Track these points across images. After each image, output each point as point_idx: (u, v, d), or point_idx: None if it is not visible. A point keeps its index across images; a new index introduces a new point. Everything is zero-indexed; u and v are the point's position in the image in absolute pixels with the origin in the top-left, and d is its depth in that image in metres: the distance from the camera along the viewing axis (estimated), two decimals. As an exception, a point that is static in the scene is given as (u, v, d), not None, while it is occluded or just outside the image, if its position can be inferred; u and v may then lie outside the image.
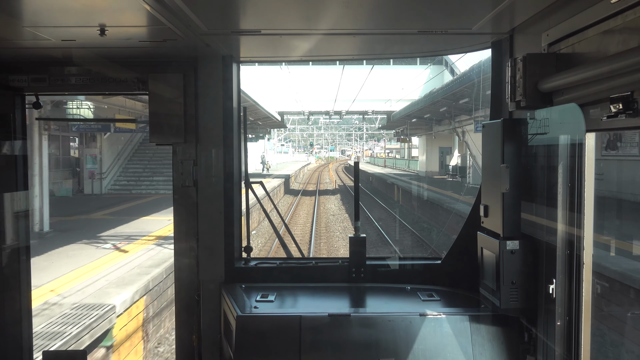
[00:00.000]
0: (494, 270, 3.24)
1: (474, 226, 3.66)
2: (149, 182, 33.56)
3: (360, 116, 63.96)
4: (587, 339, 2.82)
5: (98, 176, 31.99)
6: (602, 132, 2.64)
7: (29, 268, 4.27)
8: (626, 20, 2.24)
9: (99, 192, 31.94)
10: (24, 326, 4.19)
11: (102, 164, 32.25)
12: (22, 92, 4.11)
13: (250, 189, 4.39)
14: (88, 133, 30.79)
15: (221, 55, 4.01)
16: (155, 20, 3.00)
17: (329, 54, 4.43)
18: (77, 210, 23.86)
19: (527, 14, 3.14)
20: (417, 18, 3.27)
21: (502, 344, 3.37)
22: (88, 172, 31.57)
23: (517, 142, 3.12)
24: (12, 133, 4.08)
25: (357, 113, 58.83)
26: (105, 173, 32.72)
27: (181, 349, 4.18)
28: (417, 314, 3.43)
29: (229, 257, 4.12)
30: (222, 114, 4.05)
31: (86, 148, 31.96)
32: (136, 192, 32.42)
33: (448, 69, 45.76)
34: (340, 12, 3.09)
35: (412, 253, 21.56)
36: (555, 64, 2.80)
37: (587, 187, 2.78)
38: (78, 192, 31.66)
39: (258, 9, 3.09)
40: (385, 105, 50.90)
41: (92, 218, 21.64)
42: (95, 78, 4.03)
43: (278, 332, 3.46)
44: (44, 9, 2.92)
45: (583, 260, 2.80)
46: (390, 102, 50.16)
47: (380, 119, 72.20)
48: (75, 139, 32.75)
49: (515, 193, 3.13)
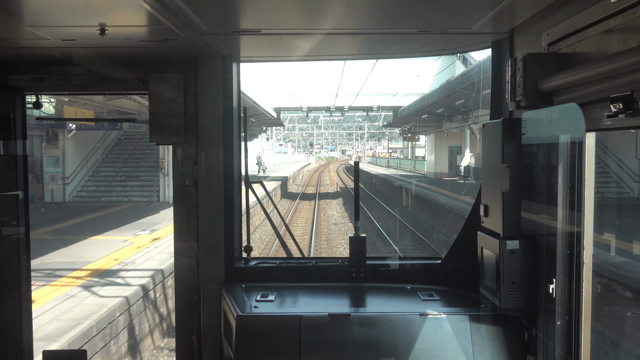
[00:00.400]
0: (494, 270, 3.24)
1: (474, 226, 3.66)
2: (122, 188, 29.90)
3: (364, 112, 59.09)
4: (587, 338, 2.82)
5: (60, 181, 27.91)
6: (602, 131, 2.63)
7: (29, 268, 4.27)
8: (626, 19, 2.24)
9: (61, 199, 27.96)
10: (24, 326, 4.19)
11: (65, 166, 28.11)
12: (22, 92, 4.11)
13: (251, 189, 4.39)
14: (50, 131, 27.38)
15: (221, 55, 4.01)
16: (155, 20, 3.00)
17: (329, 54, 4.43)
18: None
19: (527, 14, 3.14)
20: (417, 18, 3.27)
21: (502, 343, 3.37)
22: (49, 176, 27.43)
23: (517, 142, 3.12)
24: (12, 133, 4.08)
25: (360, 109, 54.33)
26: (70, 177, 28.61)
27: (181, 349, 4.18)
28: (417, 313, 3.43)
29: (229, 257, 4.13)
30: (222, 113, 4.05)
31: (47, 148, 27.98)
32: (106, 199, 28.67)
33: (460, 59, 40.08)
34: (340, 12, 3.09)
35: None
36: (555, 64, 2.80)
37: (587, 187, 2.78)
38: (39, 200, 27.36)
39: (258, 8, 3.09)
40: (392, 100, 47.44)
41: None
42: (96, 78, 4.03)
43: (278, 331, 3.46)
44: (44, 8, 2.92)
45: (583, 259, 2.80)
46: (398, 96, 46.83)
47: (385, 116, 68.40)
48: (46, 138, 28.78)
49: (515, 193, 3.13)
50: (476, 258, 3.58)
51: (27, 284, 4.23)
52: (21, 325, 4.16)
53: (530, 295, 3.14)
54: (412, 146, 77.70)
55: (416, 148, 79.03)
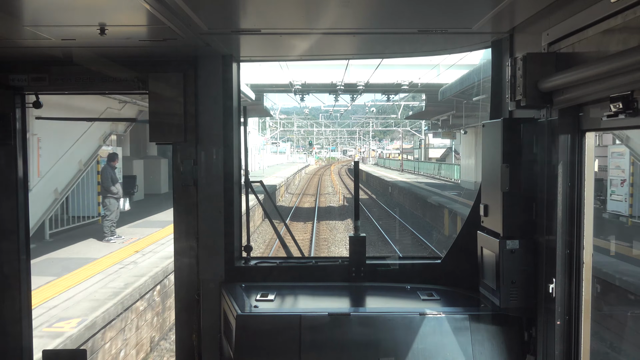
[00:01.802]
0: (494, 270, 3.25)
1: (474, 225, 3.66)
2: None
3: (384, 95, 39.02)
4: (587, 338, 2.82)
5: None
6: (602, 131, 2.64)
7: (29, 268, 4.27)
8: (626, 19, 2.24)
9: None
10: (24, 326, 4.19)
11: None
12: (22, 92, 4.11)
13: (251, 189, 4.39)
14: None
15: (221, 54, 4.01)
16: (155, 20, 3.00)
17: (329, 53, 4.44)
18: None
19: (527, 14, 3.15)
20: (417, 17, 3.27)
21: (501, 343, 3.37)
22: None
23: (517, 142, 3.12)
24: (12, 133, 4.08)
25: (380, 89, 36.96)
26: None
27: (181, 349, 4.19)
28: (417, 313, 3.43)
29: (229, 257, 4.13)
30: (222, 113, 4.05)
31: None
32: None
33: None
34: (340, 12, 3.09)
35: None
36: (555, 64, 2.80)
37: (587, 187, 2.78)
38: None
39: (258, 8, 3.09)
40: (430, 74, 30.59)
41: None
42: (96, 77, 4.03)
43: (278, 331, 3.46)
44: (44, 8, 2.92)
45: (583, 259, 2.80)
46: (439, 68, 30.53)
47: (404, 107, 52.25)
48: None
49: (515, 193, 3.13)
50: (476, 258, 3.59)
51: (27, 284, 4.23)
52: (21, 325, 4.17)
53: (530, 295, 3.14)
54: (426, 146, 68.54)
55: (429, 149, 69.64)
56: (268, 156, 73.69)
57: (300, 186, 52.87)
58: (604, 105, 2.41)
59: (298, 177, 61.84)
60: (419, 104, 45.54)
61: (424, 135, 69.26)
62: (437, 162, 57.12)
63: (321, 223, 26.56)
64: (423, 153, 69.16)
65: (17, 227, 4.13)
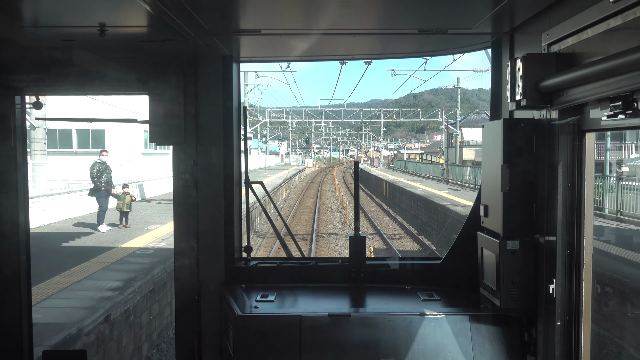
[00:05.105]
0: (494, 270, 3.24)
1: (474, 226, 3.66)
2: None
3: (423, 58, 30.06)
4: (587, 338, 2.82)
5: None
6: (602, 131, 2.64)
7: (29, 268, 4.27)
8: (626, 20, 2.24)
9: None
10: (24, 326, 4.19)
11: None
12: (23, 92, 4.11)
13: (251, 189, 4.38)
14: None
15: (221, 55, 4.01)
16: (156, 20, 3.00)
17: (328, 54, 4.44)
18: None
19: (527, 14, 3.14)
20: (417, 18, 3.27)
21: (502, 343, 3.37)
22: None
23: (517, 142, 3.12)
24: (12, 133, 4.08)
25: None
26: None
27: (181, 349, 4.18)
28: (417, 313, 3.43)
29: (229, 257, 4.12)
30: (222, 114, 4.05)
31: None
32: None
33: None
34: (339, 12, 3.09)
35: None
36: (555, 64, 2.80)
37: (587, 187, 2.78)
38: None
39: (258, 9, 3.09)
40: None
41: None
42: (96, 78, 4.03)
43: (278, 332, 3.46)
44: (44, 8, 2.92)
45: (583, 260, 2.80)
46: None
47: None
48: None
49: (515, 193, 3.12)
50: (476, 258, 3.58)
51: (27, 284, 4.23)
52: (21, 325, 4.16)
53: (530, 296, 3.14)
54: (461, 145, 48.33)
55: (464, 148, 50.61)
56: (254, 159, 53.80)
57: (287, 208, 32.22)
58: (603, 105, 2.41)
59: (286, 189, 41.70)
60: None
61: (459, 129, 48.69)
62: (461, 164, 41.34)
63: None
64: (457, 154, 48.54)
65: (17, 227, 4.13)
